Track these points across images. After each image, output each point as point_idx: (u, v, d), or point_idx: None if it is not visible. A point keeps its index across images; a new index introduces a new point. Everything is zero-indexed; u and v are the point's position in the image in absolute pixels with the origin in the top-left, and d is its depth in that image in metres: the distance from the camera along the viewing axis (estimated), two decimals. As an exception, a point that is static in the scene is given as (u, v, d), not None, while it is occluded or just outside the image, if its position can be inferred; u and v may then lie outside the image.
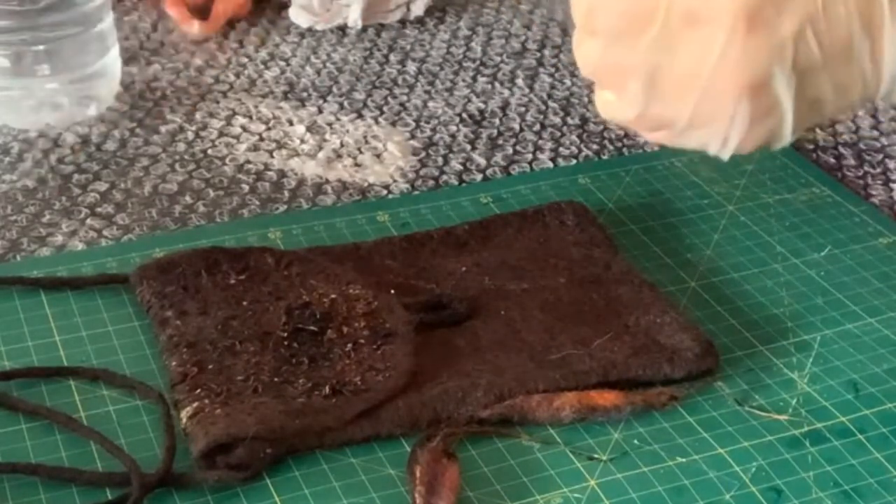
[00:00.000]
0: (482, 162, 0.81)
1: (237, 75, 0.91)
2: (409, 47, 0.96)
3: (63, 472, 0.55)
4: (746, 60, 0.52)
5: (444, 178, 0.79)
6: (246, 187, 0.77)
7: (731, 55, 0.52)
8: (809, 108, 0.55)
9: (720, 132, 0.55)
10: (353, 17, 0.97)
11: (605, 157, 0.82)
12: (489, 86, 0.91)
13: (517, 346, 0.62)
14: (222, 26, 0.97)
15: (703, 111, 0.54)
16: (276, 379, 0.59)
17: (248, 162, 0.80)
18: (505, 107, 0.88)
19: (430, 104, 0.88)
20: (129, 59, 0.92)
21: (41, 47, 0.80)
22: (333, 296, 0.64)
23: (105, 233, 0.72)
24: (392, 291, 0.65)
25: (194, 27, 0.95)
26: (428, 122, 0.86)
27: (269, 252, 0.67)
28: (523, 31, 0.99)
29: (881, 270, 0.70)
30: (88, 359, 0.62)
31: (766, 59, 0.52)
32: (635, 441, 0.58)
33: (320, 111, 0.86)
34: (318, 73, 0.92)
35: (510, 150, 0.82)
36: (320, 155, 0.81)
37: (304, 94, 0.88)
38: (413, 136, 0.84)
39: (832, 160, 0.83)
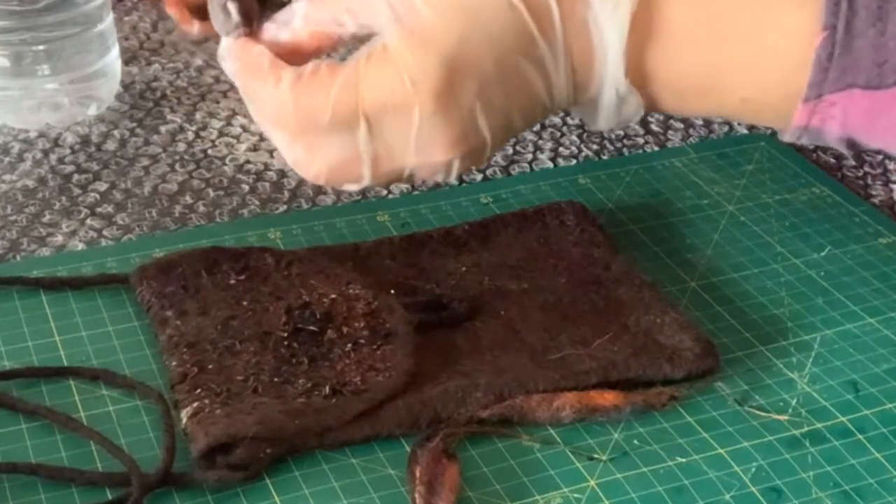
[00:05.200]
0: (482, 162, 0.81)
1: (237, 75, 0.91)
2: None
3: (63, 472, 0.55)
4: (445, 127, 0.58)
5: (444, 178, 0.79)
6: (246, 187, 0.77)
7: (429, 128, 0.58)
8: (504, 133, 0.60)
9: (441, 173, 0.60)
10: (353, 17, 0.97)
11: (605, 157, 0.82)
12: (489, 86, 0.91)
13: (517, 346, 0.62)
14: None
15: (424, 168, 0.60)
16: (276, 379, 0.59)
17: (248, 162, 0.80)
18: (505, 107, 0.88)
19: (430, 104, 0.88)
20: (129, 59, 0.92)
21: (41, 47, 0.80)
22: (333, 296, 0.64)
23: (105, 233, 0.73)
24: (392, 291, 0.65)
25: (194, 27, 0.95)
26: (428, 122, 0.85)
27: (269, 252, 0.67)
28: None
29: (881, 270, 0.70)
30: (88, 359, 0.62)
31: (459, 123, 0.58)
32: (635, 441, 0.58)
33: (320, 111, 0.86)
34: (318, 73, 0.91)
35: (510, 150, 0.82)
36: (320, 155, 0.81)
37: (304, 94, 0.88)
38: (413, 136, 0.84)
39: (832, 160, 0.83)
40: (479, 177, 0.79)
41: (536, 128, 0.85)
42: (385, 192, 0.77)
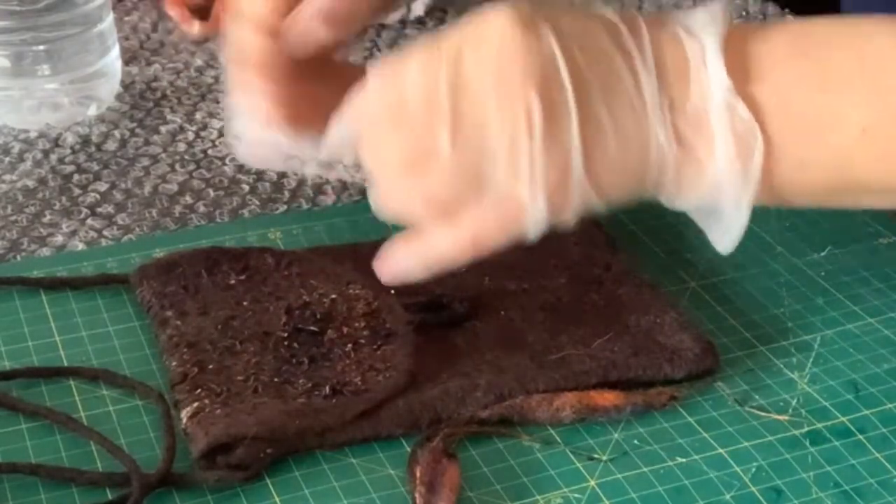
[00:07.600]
0: (482, 162, 0.81)
1: (237, 75, 0.91)
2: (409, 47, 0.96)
3: (63, 472, 0.55)
4: (524, 52, 0.55)
5: (444, 178, 0.79)
6: (246, 187, 0.77)
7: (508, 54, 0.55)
8: (588, 110, 0.56)
9: (522, 128, 0.55)
10: (353, 17, 0.97)
11: (605, 157, 0.82)
12: (489, 86, 0.91)
13: (517, 346, 0.62)
14: (222, 26, 0.96)
15: (506, 114, 0.55)
16: (276, 379, 0.59)
17: (249, 162, 0.80)
18: (505, 107, 0.88)
19: (430, 104, 0.88)
20: (129, 59, 0.92)
21: (41, 47, 0.80)
22: (333, 296, 0.64)
23: (105, 233, 0.73)
24: (392, 291, 0.65)
25: (194, 27, 0.95)
26: (428, 122, 0.85)
27: (269, 252, 0.67)
28: (523, 31, 0.99)
29: (881, 270, 0.70)
30: (88, 359, 0.62)
31: (539, 54, 0.55)
32: (635, 441, 0.58)
33: (320, 111, 0.86)
34: (318, 73, 0.91)
35: (510, 150, 0.82)
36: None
37: (304, 94, 0.88)
38: (413, 136, 0.84)
39: (832, 160, 0.82)
40: (479, 177, 0.79)
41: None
42: (385, 192, 0.77)
